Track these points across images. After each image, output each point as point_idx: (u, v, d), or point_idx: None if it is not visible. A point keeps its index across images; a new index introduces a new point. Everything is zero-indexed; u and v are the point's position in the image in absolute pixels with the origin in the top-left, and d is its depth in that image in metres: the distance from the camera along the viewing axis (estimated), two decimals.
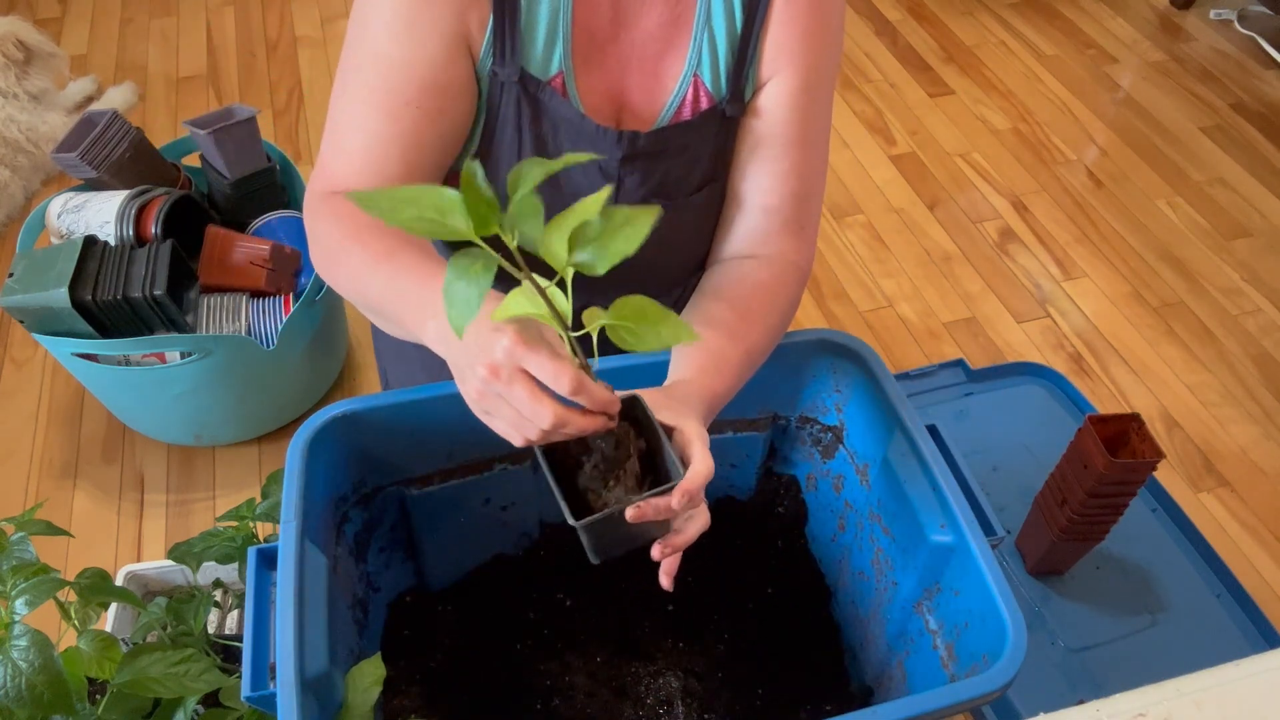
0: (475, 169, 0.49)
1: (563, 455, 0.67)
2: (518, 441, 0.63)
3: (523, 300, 0.57)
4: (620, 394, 0.66)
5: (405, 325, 0.71)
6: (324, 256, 0.78)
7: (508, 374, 0.59)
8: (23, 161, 1.98)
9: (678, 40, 0.82)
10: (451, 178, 0.90)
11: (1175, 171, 2.22)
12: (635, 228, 0.53)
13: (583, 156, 0.53)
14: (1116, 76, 2.51)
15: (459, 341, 0.62)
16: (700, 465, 0.66)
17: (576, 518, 0.64)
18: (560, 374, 0.59)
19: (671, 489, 0.64)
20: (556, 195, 0.86)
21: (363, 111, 0.77)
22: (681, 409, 0.69)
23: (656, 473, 0.68)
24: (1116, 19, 2.70)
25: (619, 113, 0.85)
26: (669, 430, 0.68)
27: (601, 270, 0.54)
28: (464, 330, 0.52)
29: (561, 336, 0.60)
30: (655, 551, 0.69)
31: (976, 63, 2.53)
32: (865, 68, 2.50)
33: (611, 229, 0.53)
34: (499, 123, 0.82)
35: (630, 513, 0.64)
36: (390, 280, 0.71)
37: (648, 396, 0.69)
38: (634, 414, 0.67)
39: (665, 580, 0.72)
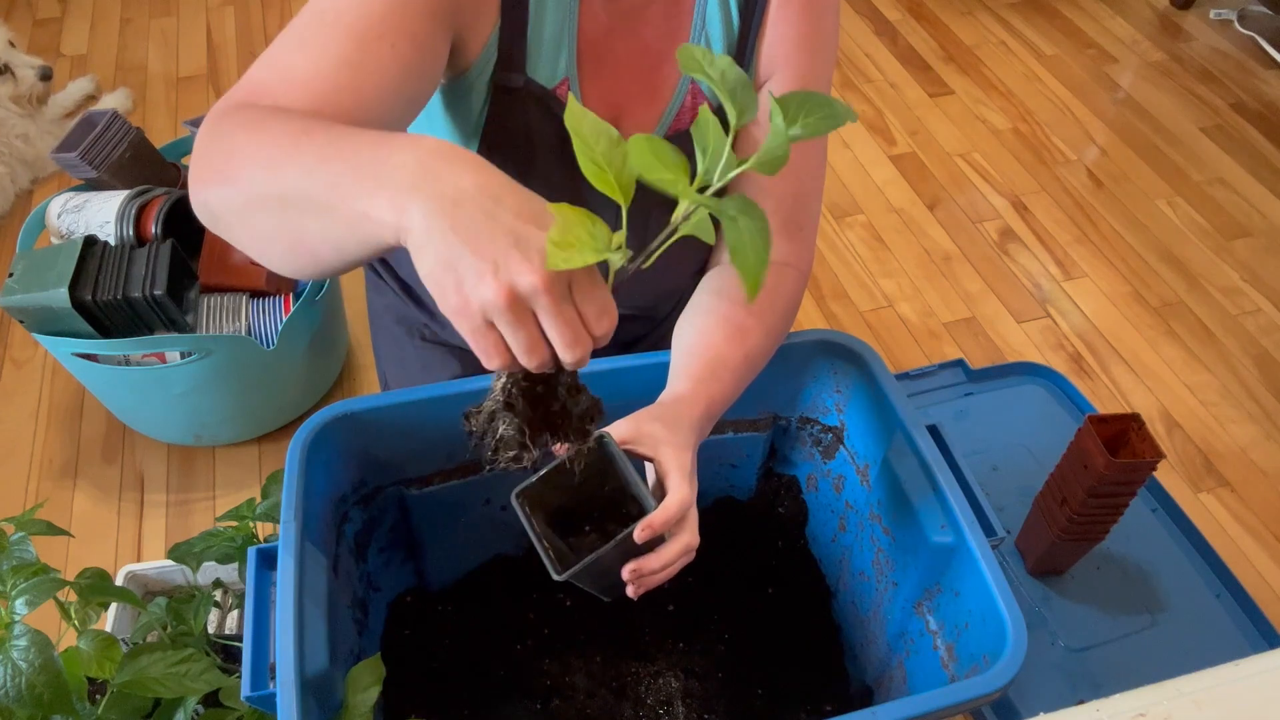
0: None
1: (544, 507, 0.65)
2: (494, 363, 0.52)
3: (583, 229, 0.48)
4: (589, 443, 0.62)
5: (340, 202, 0.52)
6: (223, 156, 0.59)
7: (533, 306, 0.49)
8: (2, 150, 1.98)
9: (674, 49, 0.82)
10: None
11: (1175, 171, 2.22)
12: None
13: None
14: (1116, 76, 2.51)
15: (439, 225, 0.48)
16: (672, 498, 0.64)
17: (562, 565, 0.63)
18: (605, 311, 0.51)
19: (641, 524, 0.63)
20: (562, 200, 0.86)
21: (321, 32, 0.64)
22: (663, 434, 0.68)
23: (633, 512, 0.67)
24: (1116, 19, 2.70)
25: (619, 120, 0.85)
26: (648, 459, 0.67)
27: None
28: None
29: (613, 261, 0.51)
30: (630, 591, 0.66)
31: (976, 63, 2.53)
32: (865, 68, 2.50)
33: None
34: (504, 130, 0.82)
35: (608, 556, 0.63)
36: (321, 149, 0.53)
37: (624, 428, 0.68)
38: (602, 453, 0.65)
39: (631, 589, 0.67)
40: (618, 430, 0.67)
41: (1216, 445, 1.67)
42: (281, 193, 0.55)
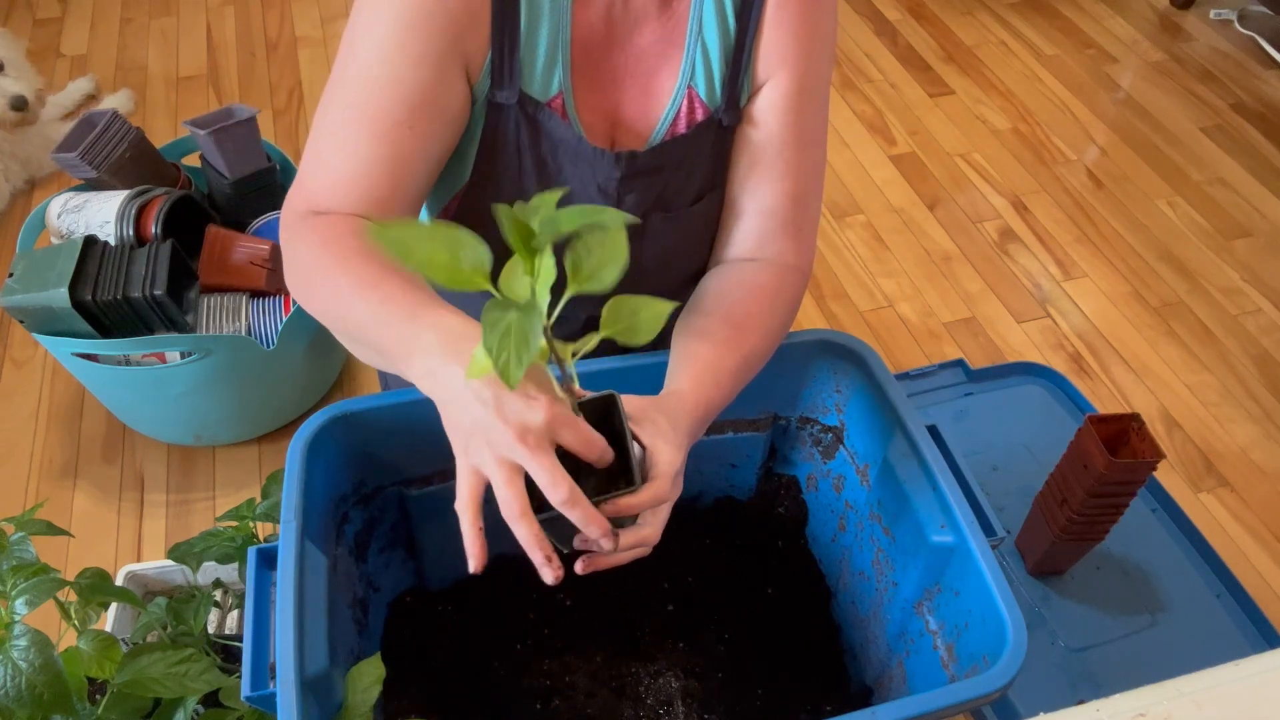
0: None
1: None
2: (513, 503, 0.62)
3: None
4: (599, 393, 0.66)
5: (387, 357, 0.69)
6: (302, 279, 0.75)
7: (536, 440, 0.59)
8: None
9: (670, 54, 0.82)
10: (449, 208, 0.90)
11: (1175, 171, 2.22)
12: (615, 249, 0.56)
13: None
14: (1116, 76, 2.51)
15: (453, 385, 0.62)
16: (647, 490, 0.65)
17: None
18: (593, 444, 0.61)
19: (617, 497, 0.64)
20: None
21: (349, 132, 0.75)
22: (664, 428, 0.68)
23: (619, 478, 0.67)
24: (1116, 19, 2.70)
25: (613, 130, 0.84)
26: (642, 445, 0.67)
27: (609, 284, 0.56)
28: (514, 381, 0.53)
29: (564, 368, 0.62)
30: (577, 566, 0.67)
31: (976, 63, 2.53)
32: (865, 68, 2.50)
33: (595, 254, 0.56)
34: (497, 146, 0.82)
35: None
36: (374, 309, 0.69)
37: (634, 404, 0.68)
38: (608, 413, 0.66)
39: (580, 565, 0.68)
40: (626, 403, 0.67)
41: (1216, 445, 1.67)
42: (348, 334, 0.73)
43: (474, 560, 0.64)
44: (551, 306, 0.56)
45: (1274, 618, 1.23)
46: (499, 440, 0.60)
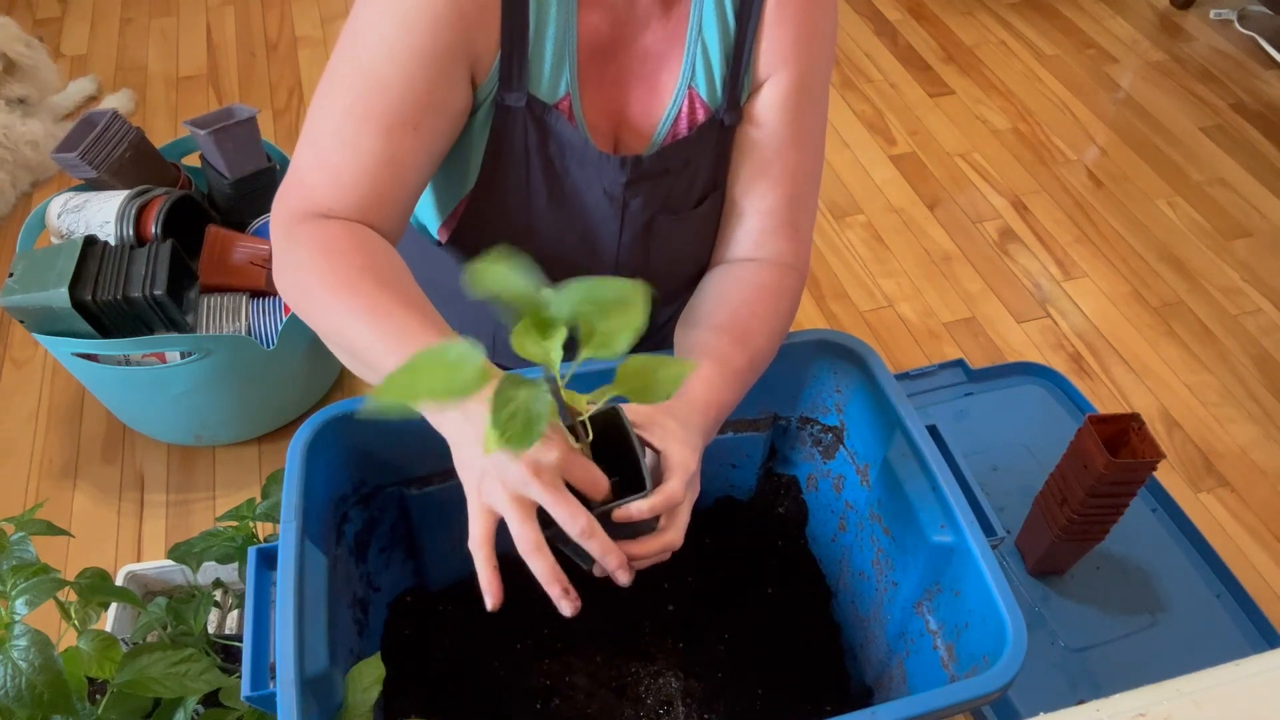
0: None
1: None
2: (526, 537, 0.63)
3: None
4: (603, 405, 0.65)
5: None
6: (300, 287, 0.73)
7: (550, 477, 0.61)
8: (4, 156, 1.98)
9: (671, 54, 0.82)
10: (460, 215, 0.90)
11: (1175, 171, 2.22)
12: (630, 316, 0.55)
13: None
14: (1116, 76, 2.51)
15: (472, 424, 0.63)
16: (659, 493, 0.65)
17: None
18: (598, 486, 0.63)
19: (628, 502, 0.64)
20: (564, 216, 0.86)
21: (354, 128, 0.73)
22: (674, 430, 0.68)
23: (631, 488, 0.67)
24: (1116, 19, 2.70)
25: (618, 130, 0.84)
26: (655, 450, 0.67)
27: (620, 350, 0.56)
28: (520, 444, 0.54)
29: (575, 420, 0.63)
30: (596, 570, 0.67)
31: (976, 63, 2.53)
32: (865, 68, 2.50)
33: (609, 320, 0.55)
34: (504, 149, 0.82)
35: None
36: (386, 339, 0.67)
37: (642, 411, 0.68)
38: (612, 426, 0.66)
39: (622, 577, 0.68)
40: (633, 411, 0.67)
41: (1216, 445, 1.67)
42: (349, 349, 0.71)
43: (491, 598, 0.64)
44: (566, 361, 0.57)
45: (1274, 618, 1.23)
46: (514, 477, 0.61)
